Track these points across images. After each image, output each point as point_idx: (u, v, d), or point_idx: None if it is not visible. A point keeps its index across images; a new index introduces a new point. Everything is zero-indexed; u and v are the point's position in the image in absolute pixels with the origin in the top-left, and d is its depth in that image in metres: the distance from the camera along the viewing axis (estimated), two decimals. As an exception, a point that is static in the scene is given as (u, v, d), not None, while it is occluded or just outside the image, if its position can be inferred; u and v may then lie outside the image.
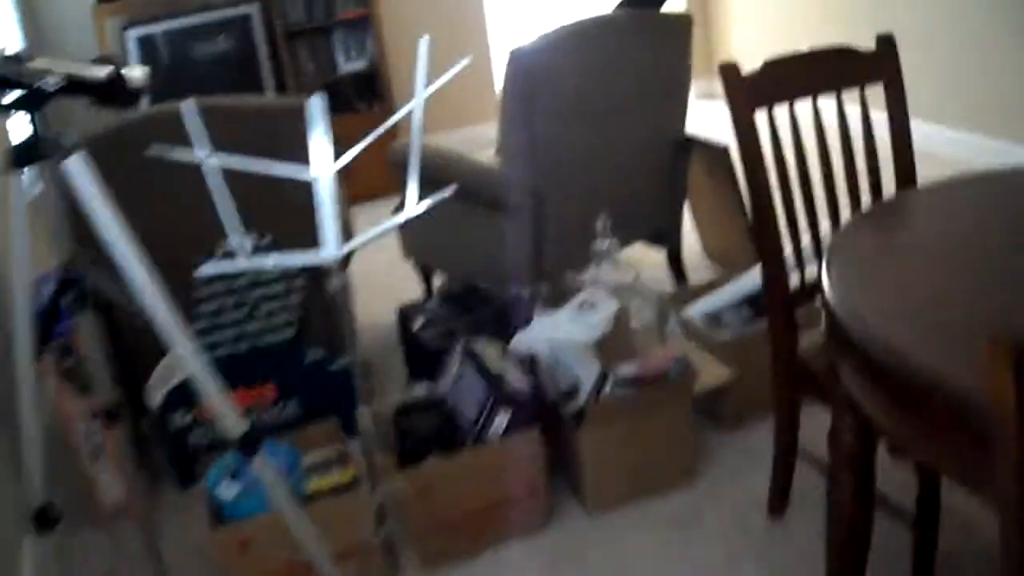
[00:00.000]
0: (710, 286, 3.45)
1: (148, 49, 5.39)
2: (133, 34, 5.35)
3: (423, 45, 2.09)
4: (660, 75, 3.62)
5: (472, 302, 3.30)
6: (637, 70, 3.53)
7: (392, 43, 6.04)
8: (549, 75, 3.29)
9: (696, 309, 3.28)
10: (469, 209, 3.61)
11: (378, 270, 4.73)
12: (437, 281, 4.25)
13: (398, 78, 6.05)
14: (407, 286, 4.43)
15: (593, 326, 2.89)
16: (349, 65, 5.86)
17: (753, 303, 3.24)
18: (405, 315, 3.34)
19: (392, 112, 5.83)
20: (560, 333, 2.89)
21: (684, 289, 3.67)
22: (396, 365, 3.66)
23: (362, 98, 5.93)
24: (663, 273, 4.13)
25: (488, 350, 2.85)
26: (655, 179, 3.80)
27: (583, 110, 3.40)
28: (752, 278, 3.26)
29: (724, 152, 3.81)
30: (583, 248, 3.47)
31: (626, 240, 3.85)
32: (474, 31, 6.46)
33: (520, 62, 3.24)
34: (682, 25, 3.62)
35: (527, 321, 3.04)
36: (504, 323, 3.15)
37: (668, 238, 3.99)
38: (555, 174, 3.43)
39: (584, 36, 3.39)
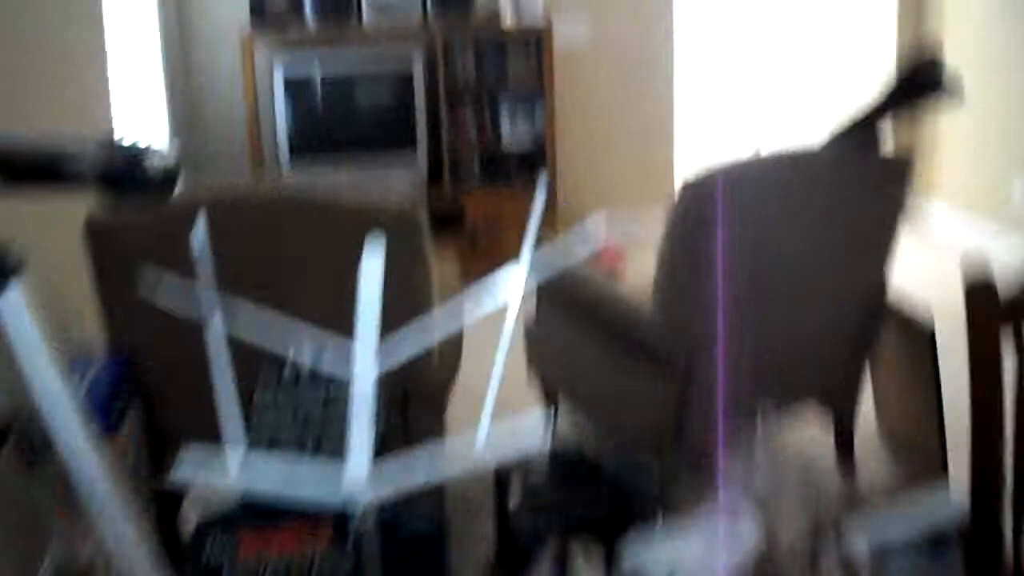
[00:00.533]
0: (887, 496, 2.72)
1: (297, 88, 4.97)
2: (282, 68, 4.93)
3: (540, 192, 1.49)
4: (865, 227, 2.94)
5: (586, 476, 2.66)
6: (838, 219, 2.86)
7: (563, 120, 5.48)
8: (728, 213, 2.65)
9: (860, 534, 2.56)
10: (608, 348, 2.99)
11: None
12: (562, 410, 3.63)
13: (564, 158, 5.49)
14: (526, 401, 3.81)
15: (729, 552, 2.22)
16: (514, 138, 5.33)
17: (938, 543, 2.51)
18: (501, 480, 2.71)
19: (554, 197, 5.27)
20: (686, 555, 2.22)
21: (851, 490, 2.94)
22: (487, 533, 3.03)
23: (523, 174, 5.39)
24: (826, 448, 3.41)
25: (585, 566, 2.21)
26: (837, 347, 3.10)
27: (764, 259, 2.75)
28: (945, 507, 2.52)
29: (929, 336, 3.08)
30: (734, 421, 2.81)
31: (788, 409, 3.17)
32: (658, 113, 5.86)
33: (694, 194, 2.62)
34: (902, 169, 2.93)
35: (648, 523, 2.38)
36: (619, 514, 2.50)
37: (840, 413, 3.28)
38: (716, 328, 2.77)
39: (778, 172, 2.75)
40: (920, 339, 3.11)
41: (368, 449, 1.35)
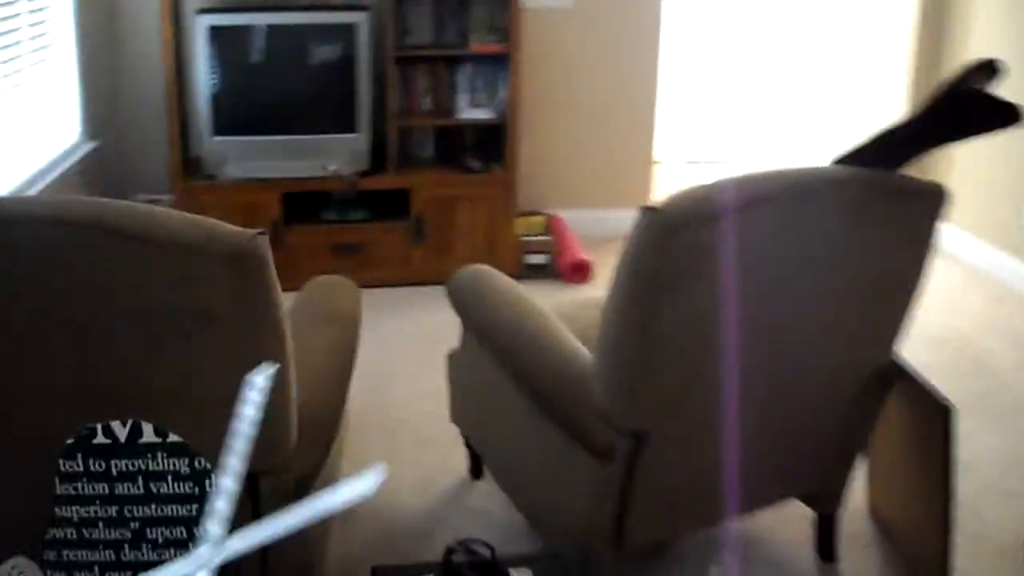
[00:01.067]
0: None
1: (224, 43, 4.25)
2: (205, 21, 4.21)
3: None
4: (878, 272, 2.26)
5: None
6: (845, 261, 2.19)
7: (531, 91, 4.77)
8: (703, 254, 1.97)
9: None
10: (538, 417, 2.32)
11: (416, 415, 3.45)
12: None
13: (529, 137, 4.79)
14: (448, 455, 3.15)
15: None
16: (473, 111, 4.60)
17: None
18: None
19: (513, 181, 4.57)
20: None
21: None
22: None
23: (481, 154, 4.68)
24: (803, 544, 2.75)
25: None
26: (828, 421, 2.44)
27: (745, 317, 2.07)
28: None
29: (944, 414, 2.41)
30: (690, 522, 2.17)
31: (762, 502, 2.52)
32: (640, 92, 5.12)
33: (659, 227, 1.93)
34: (934, 203, 2.25)
35: None
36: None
37: (824, 501, 2.62)
38: (673, 401, 2.11)
39: (773, 198, 2.06)
40: (934, 416, 2.45)
41: None
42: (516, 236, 4.66)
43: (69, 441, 1.93)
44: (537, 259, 4.73)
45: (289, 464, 1.98)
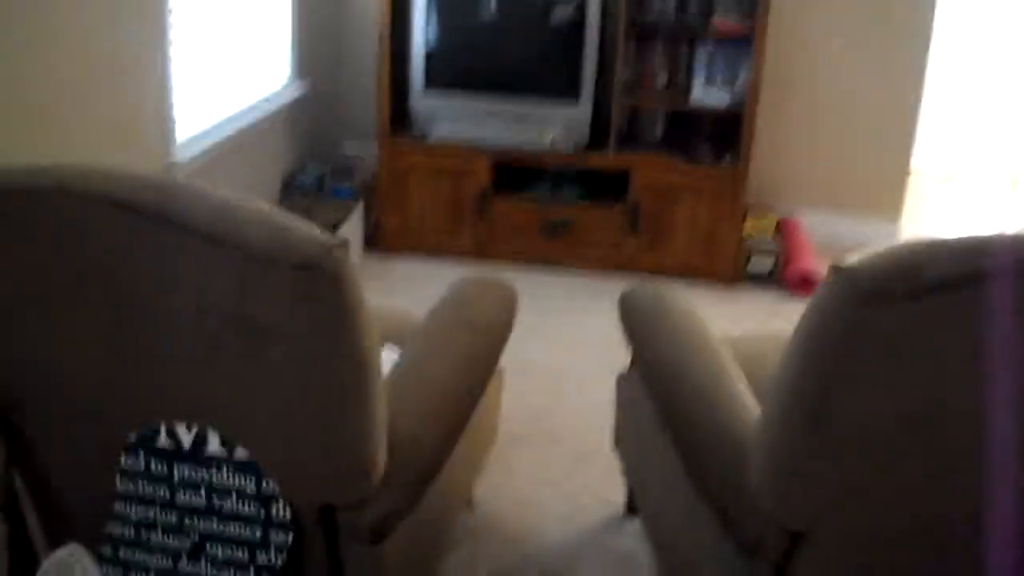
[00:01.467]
0: None
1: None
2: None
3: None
4: None
5: None
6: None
7: (773, 78, 4.28)
8: (901, 332, 1.51)
9: None
10: (687, 479, 1.94)
11: (585, 425, 3.11)
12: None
13: (768, 129, 4.32)
14: (609, 479, 2.80)
15: None
16: (709, 94, 4.16)
17: None
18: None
19: (744, 175, 4.11)
20: None
21: None
22: None
23: (712, 143, 4.25)
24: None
25: None
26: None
27: (946, 410, 1.60)
28: None
29: None
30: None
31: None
32: (902, 85, 4.52)
33: (850, 295, 1.48)
34: None
35: None
36: None
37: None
38: (841, 501, 1.67)
39: (997, 275, 1.57)
40: None
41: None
42: (741, 236, 4.22)
43: (131, 438, 1.71)
44: (761, 264, 4.29)
45: (372, 500, 1.69)
